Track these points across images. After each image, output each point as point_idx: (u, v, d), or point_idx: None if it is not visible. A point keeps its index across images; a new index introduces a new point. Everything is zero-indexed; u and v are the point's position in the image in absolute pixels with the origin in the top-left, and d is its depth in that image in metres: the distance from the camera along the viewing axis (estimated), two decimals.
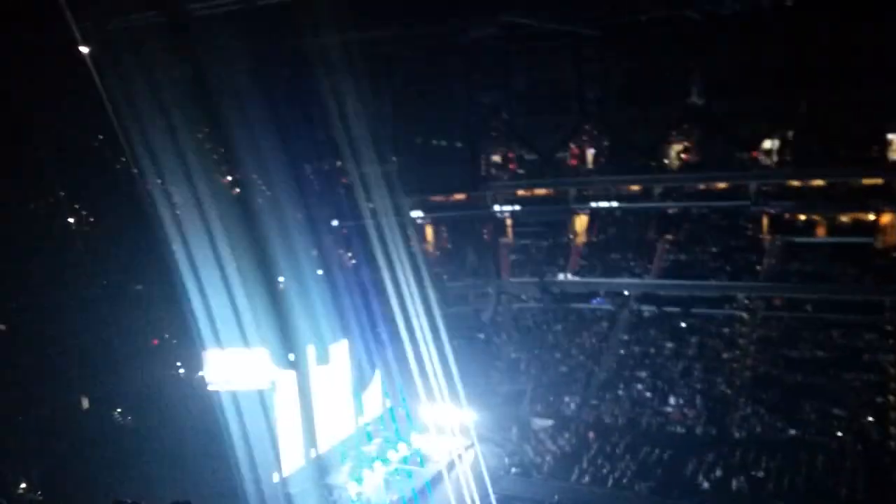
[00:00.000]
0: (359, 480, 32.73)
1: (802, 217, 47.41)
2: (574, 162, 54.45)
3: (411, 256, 39.50)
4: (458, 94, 54.46)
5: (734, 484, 33.42)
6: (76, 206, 44.08)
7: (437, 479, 34.48)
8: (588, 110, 53.62)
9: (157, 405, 36.40)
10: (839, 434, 35.63)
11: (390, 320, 36.03)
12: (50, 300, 36.45)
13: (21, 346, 34.34)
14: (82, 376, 36.48)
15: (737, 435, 37.07)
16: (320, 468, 34.38)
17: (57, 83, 39.98)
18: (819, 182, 47.04)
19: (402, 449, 35.84)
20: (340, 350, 37.12)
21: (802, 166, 46.81)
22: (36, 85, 38.91)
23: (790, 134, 47.98)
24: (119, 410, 37.93)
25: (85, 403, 37.32)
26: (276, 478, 32.08)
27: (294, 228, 41.65)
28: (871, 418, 35.98)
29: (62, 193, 43.13)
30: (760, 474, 33.83)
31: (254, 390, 34.79)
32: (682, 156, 51.37)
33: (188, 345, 37.94)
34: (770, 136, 48.23)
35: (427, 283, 38.96)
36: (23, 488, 28.39)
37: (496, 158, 56.30)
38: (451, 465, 35.07)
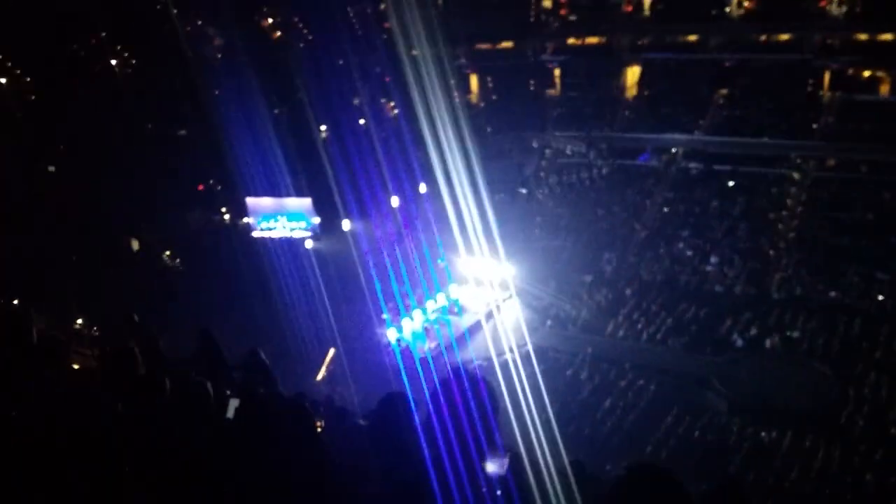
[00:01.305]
0: (398, 328, 33.81)
1: (866, 73, 44.95)
2: (629, 8, 51.59)
3: (454, 108, 38.64)
4: None
5: (768, 343, 33.78)
6: (118, 48, 43.56)
7: (474, 328, 35.47)
8: None
9: (204, 249, 37.35)
10: (880, 298, 35.35)
11: (430, 173, 35.80)
12: (95, 143, 36.77)
13: (69, 190, 35.11)
14: (130, 219, 37.35)
15: (775, 296, 36.99)
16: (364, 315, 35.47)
17: None
18: (888, 36, 44.13)
19: (441, 299, 36.67)
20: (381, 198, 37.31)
21: (871, 18, 43.77)
22: None
23: None
24: (168, 253, 39.11)
25: (135, 245, 38.52)
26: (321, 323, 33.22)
27: (336, 75, 40.92)
28: None
29: (104, 34, 42.51)
30: (796, 334, 34.07)
31: (296, 238, 35.60)
32: (745, 3, 48.34)
33: (233, 191, 38.50)
34: None
35: (469, 135, 38.27)
36: (79, 324, 29.85)
37: (546, 3, 53.58)
38: (489, 316, 35.92)
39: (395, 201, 37.93)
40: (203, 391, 5.94)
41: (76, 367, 8.50)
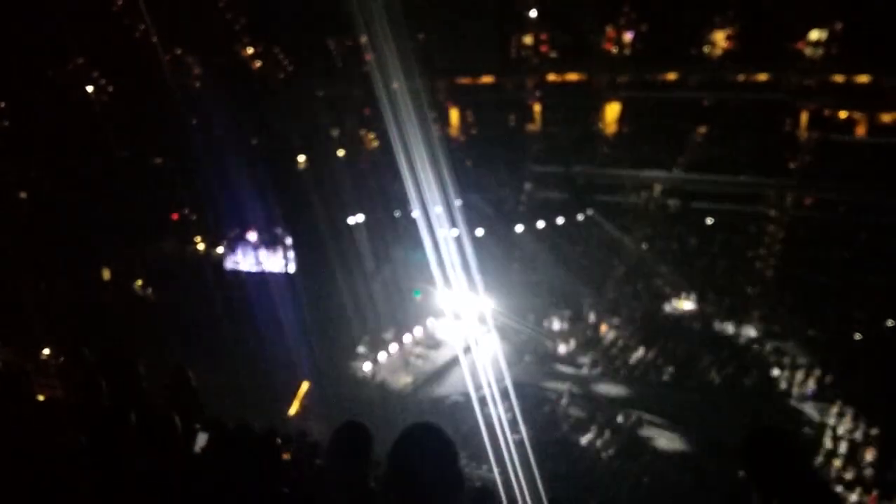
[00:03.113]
0: (374, 361, 33.26)
1: (843, 114, 45.48)
2: (609, 46, 52.05)
3: (433, 141, 38.53)
4: None
5: (746, 381, 33.60)
6: (95, 74, 43.21)
7: (452, 363, 34.97)
8: None
9: (177, 280, 36.71)
10: (857, 337, 35.37)
11: (408, 205, 35.56)
12: (69, 169, 36.26)
13: (41, 216, 34.51)
14: (102, 247, 36.71)
15: (754, 333, 36.94)
16: (338, 349, 34.90)
17: None
18: (864, 78, 44.79)
19: (418, 332, 36.21)
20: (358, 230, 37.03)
21: (848, 60, 44.44)
22: None
23: (839, 26, 45.35)
24: (140, 283, 38.41)
25: (106, 274, 37.81)
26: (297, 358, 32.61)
27: (315, 107, 40.79)
28: (891, 322, 35.58)
29: (80, 60, 42.18)
30: (774, 372, 33.95)
31: (273, 270, 35.08)
32: (724, 44, 48.92)
33: (208, 221, 37.98)
34: (818, 27, 45.60)
35: (448, 168, 38.13)
36: (45, 354, 29.05)
37: (527, 40, 53.95)
38: (466, 350, 35.42)
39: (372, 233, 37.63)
40: (170, 425, 5.69)
41: (41, 398, 8.12)
